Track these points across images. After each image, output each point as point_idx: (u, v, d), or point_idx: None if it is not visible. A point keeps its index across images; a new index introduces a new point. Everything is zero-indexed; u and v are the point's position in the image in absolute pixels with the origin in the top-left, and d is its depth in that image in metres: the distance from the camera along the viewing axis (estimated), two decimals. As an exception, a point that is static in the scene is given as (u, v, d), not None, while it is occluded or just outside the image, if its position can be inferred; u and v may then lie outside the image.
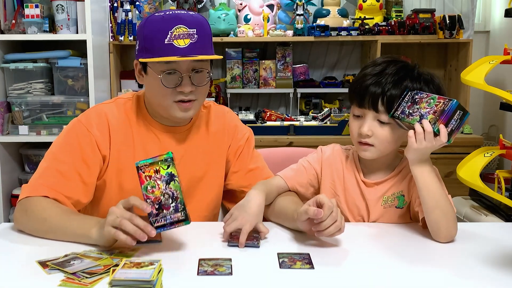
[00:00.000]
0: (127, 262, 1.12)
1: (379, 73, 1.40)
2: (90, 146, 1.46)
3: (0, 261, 1.22)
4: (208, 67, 1.47)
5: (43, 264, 1.16)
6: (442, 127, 1.30)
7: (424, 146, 1.31)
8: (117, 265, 1.12)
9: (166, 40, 1.38)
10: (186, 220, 1.20)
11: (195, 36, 1.40)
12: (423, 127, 1.31)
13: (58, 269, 1.13)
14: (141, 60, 1.43)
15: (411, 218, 1.50)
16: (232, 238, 1.32)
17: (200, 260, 1.19)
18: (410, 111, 1.34)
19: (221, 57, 1.49)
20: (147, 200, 1.19)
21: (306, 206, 1.27)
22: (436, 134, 1.30)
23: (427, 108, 1.33)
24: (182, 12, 1.44)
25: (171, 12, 1.43)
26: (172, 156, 1.20)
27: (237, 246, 1.29)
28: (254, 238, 1.32)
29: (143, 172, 1.19)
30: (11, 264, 1.20)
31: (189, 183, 1.54)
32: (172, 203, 1.20)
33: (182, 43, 1.39)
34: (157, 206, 1.19)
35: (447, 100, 1.31)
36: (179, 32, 1.39)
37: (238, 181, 1.62)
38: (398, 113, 1.36)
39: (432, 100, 1.33)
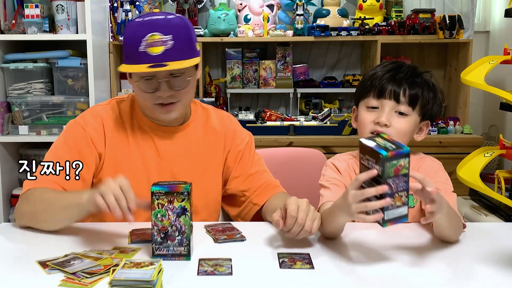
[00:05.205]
0: (127, 262, 1.12)
1: (396, 69, 1.44)
2: (86, 143, 1.50)
3: (0, 261, 1.22)
4: (190, 68, 1.46)
5: (43, 264, 1.16)
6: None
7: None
8: (117, 265, 1.12)
9: (140, 48, 1.40)
10: (187, 256, 1.21)
11: (170, 42, 1.39)
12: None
13: (58, 269, 1.13)
14: (120, 67, 1.46)
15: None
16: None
17: (200, 260, 1.19)
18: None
19: (195, 62, 1.44)
20: (155, 227, 1.20)
21: (276, 215, 1.28)
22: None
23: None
24: (160, 17, 1.43)
25: (149, 18, 1.43)
26: (190, 190, 1.19)
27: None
28: (237, 233, 1.38)
29: (157, 199, 1.19)
30: (11, 264, 1.20)
31: None
32: (178, 236, 1.20)
33: (156, 50, 1.39)
34: (162, 235, 1.20)
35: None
36: (154, 40, 1.39)
37: (238, 186, 1.62)
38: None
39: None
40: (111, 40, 3.16)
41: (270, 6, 3.36)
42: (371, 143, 1.13)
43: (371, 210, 1.12)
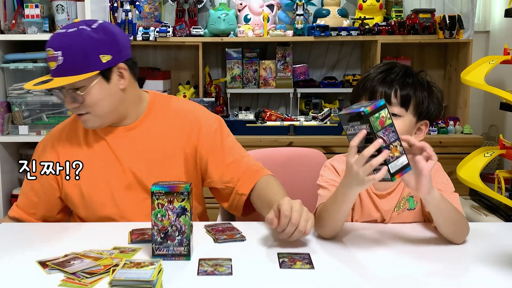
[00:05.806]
0: (127, 262, 1.12)
1: (387, 70, 1.43)
2: (42, 159, 1.56)
3: (0, 261, 1.22)
4: (85, 83, 1.43)
5: (43, 264, 1.17)
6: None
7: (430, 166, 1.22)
8: (117, 265, 1.12)
9: (47, 61, 1.45)
10: (187, 256, 1.21)
11: (60, 58, 1.40)
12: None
13: (58, 269, 1.13)
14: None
15: (424, 219, 1.49)
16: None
17: (200, 260, 1.19)
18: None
19: (79, 79, 1.40)
20: (155, 226, 1.20)
21: (270, 214, 1.26)
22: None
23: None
24: (61, 31, 1.44)
25: (57, 31, 1.46)
26: (190, 190, 1.19)
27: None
28: (237, 233, 1.38)
29: (157, 199, 1.19)
30: (11, 264, 1.20)
31: (140, 184, 1.54)
32: (178, 236, 1.20)
33: (51, 65, 1.43)
34: (162, 235, 1.20)
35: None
36: (49, 55, 1.43)
37: (219, 178, 1.57)
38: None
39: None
40: (111, 40, 3.15)
41: (270, 6, 3.36)
42: (349, 110, 1.19)
43: (376, 169, 1.16)
